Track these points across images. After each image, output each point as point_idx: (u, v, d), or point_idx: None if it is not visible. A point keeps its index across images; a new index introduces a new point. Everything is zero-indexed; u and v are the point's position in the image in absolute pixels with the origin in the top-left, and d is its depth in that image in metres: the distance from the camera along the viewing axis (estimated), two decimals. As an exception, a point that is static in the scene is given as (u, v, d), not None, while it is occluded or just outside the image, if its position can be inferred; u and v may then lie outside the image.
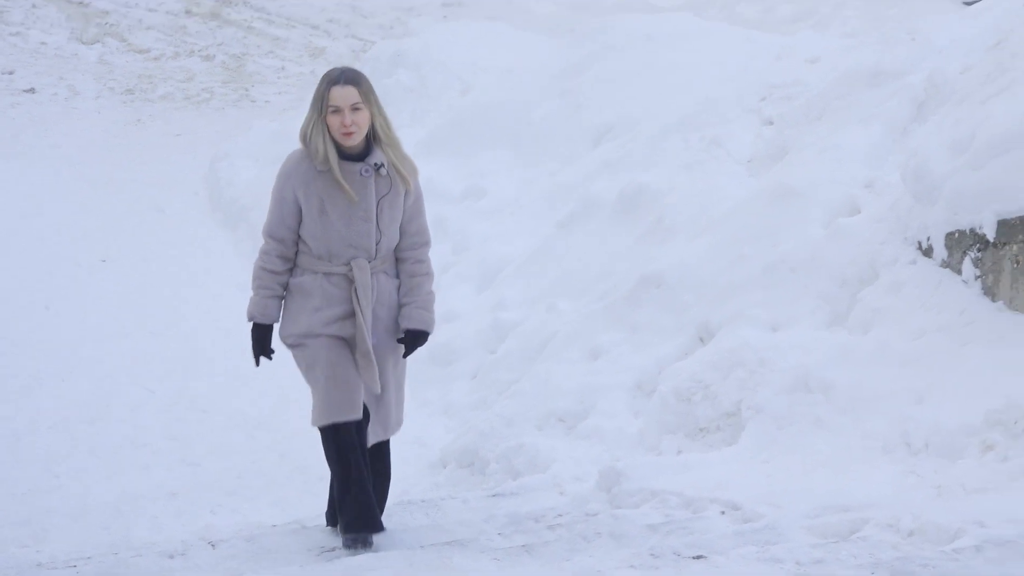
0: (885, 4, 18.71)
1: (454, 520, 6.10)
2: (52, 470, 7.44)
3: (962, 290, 6.51)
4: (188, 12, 20.31)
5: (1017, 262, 6.24)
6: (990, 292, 6.39)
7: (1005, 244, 6.29)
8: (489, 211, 9.81)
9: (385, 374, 6.09)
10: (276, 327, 6.01)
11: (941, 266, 6.69)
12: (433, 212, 8.39)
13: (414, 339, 6.14)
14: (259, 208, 10.77)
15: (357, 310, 5.95)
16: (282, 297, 6.05)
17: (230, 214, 11.52)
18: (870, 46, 9.30)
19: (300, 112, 12.66)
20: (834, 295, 7.07)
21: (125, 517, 6.97)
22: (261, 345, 5.99)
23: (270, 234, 6.03)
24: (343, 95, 5.88)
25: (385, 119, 6.04)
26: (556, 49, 11.98)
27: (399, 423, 6.21)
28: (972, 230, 6.44)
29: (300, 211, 5.99)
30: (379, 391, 6.02)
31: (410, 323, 6.09)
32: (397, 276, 6.14)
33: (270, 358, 6.03)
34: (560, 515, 6.06)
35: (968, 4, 13.13)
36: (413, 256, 6.14)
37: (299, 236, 6.04)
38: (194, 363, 8.55)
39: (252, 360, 6.04)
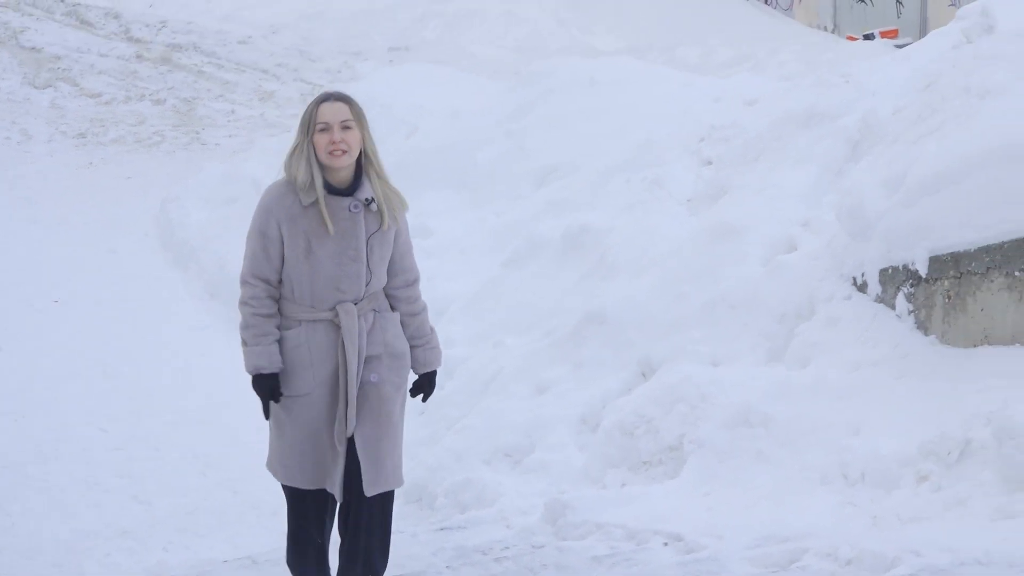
0: (820, 48, 19.00)
1: (403, 554, 6.13)
2: (5, 509, 7.43)
3: (896, 325, 6.62)
4: (139, 57, 20.37)
5: (949, 297, 6.34)
6: (923, 326, 6.50)
7: (937, 280, 6.39)
8: (436, 250, 9.90)
9: (382, 416, 5.48)
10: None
11: (876, 301, 6.80)
12: (381, 252, 8.50)
13: (432, 379, 5.73)
14: (209, 250, 10.88)
15: (341, 362, 5.39)
16: (279, 341, 5.48)
17: (181, 255, 11.56)
18: (806, 89, 9.44)
19: (250, 155, 12.83)
20: (773, 331, 7.17)
21: (78, 555, 6.98)
22: (274, 395, 5.44)
23: (255, 275, 5.46)
24: (333, 111, 5.38)
25: (374, 147, 5.54)
26: (501, 92, 12.07)
27: (398, 472, 5.55)
28: (905, 266, 6.55)
29: (283, 248, 5.44)
30: (350, 435, 5.40)
31: (427, 366, 5.68)
32: (393, 308, 5.62)
33: (279, 401, 5.47)
34: (507, 548, 6.15)
35: (899, 47, 13.37)
36: (408, 295, 5.65)
37: (280, 281, 5.48)
38: (146, 402, 8.59)
39: (262, 415, 5.50)
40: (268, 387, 5.46)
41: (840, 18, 22.43)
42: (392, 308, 5.63)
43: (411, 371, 5.66)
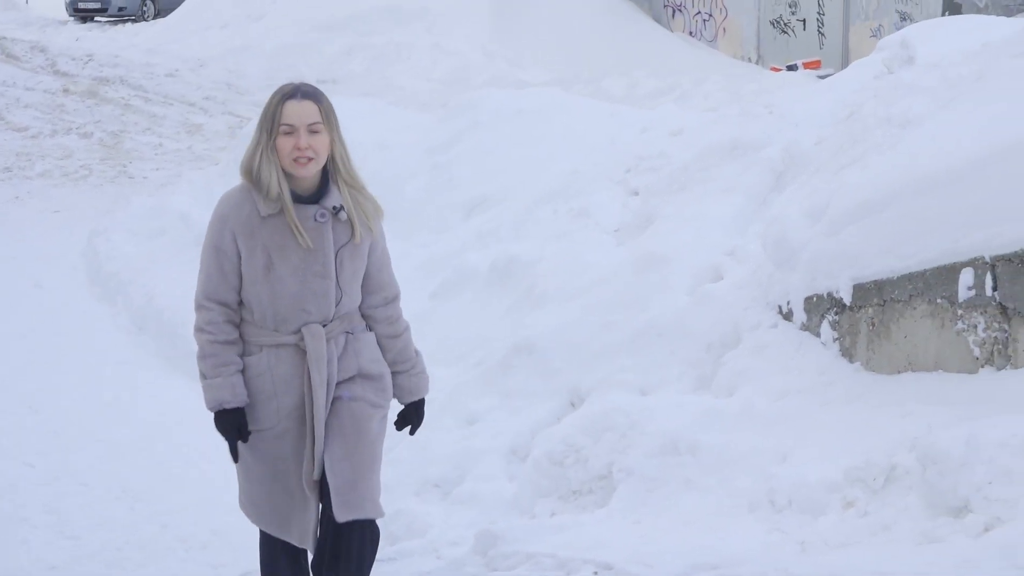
0: (744, 79, 19.16)
1: (334, 585, 6.11)
2: (-69, 548, 7.35)
3: (821, 352, 6.69)
4: (66, 91, 20.26)
5: (872, 324, 6.40)
6: (847, 353, 6.57)
7: (861, 307, 6.45)
8: (364, 282, 9.90)
9: (355, 433, 4.86)
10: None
11: (801, 329, 6.86)
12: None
13: (420, 408, 5.13)
14: (137, 283, 10.82)
15: (307, 392, 4.79)
16: (241, 370, 4.83)
17: (108, 289, 11.49)
18: (730, 119, 9.53)
19: (177, 188, 12.79)
20: (700, 359, 7.22)
21: (5, 592, 6.90)
22: (240, 432, 4.80)
23: (211, 297, 4.82)
24: (299, 112, 4.74)
25: (345, 150, 4.88)
26: (428, 124, 12.08)
27: (379, 500, 4.95)
28: (829, 294, 6.62)
29: (240, 266, 4.79)
30: (317, 477, 4.85)
31: (413, 394, 5.08)
32: (369, 329, 4.98)
33: (246, 440, 4.83)
34: (438, 579, 6.14)
35: (822, 78, 13.52)
36: (387, 314, 5.00)
37: (240, 303, 4.84)
38: (74, 437, 8.53)
39: (229, 455, 4.85)
40: (234, 424, 4.81)
41: (764, 49, 22.65)
42: (369, 329, 5.01)
43: (394, 400, 5.10)
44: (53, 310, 11.18)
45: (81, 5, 34.58)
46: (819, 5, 21.61)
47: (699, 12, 23.94)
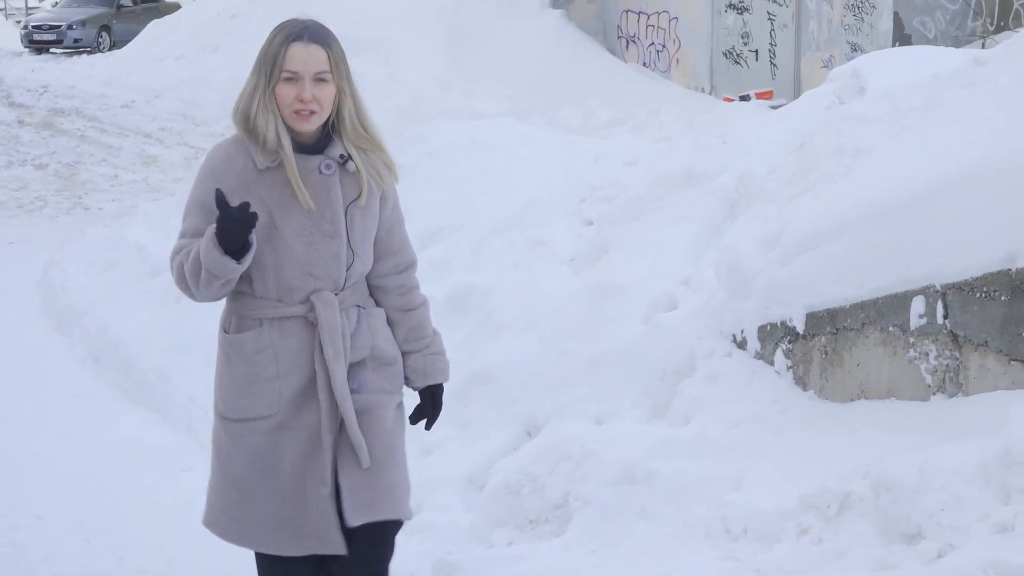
0: (697, 109, 19.26)
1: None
2: None
3: (775, 380, 6.73)
4: (21, 122, 20.22)
5: (825, 353, 6.43)
6: (801, 382, 6.61)
7: (814, 336, 6.49)
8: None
9: (378, 436, 4.34)
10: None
11: (755, 358, 6.90)
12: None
13: (438, 396, 4.58)
14: (93, 315, 10.79)
15: (320, 369, 4.21)
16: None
17: (64, 320, 11.45)
18: (684, 149, 9.59)
19: (133, 219, 12.76)
20: (655, 388, 7.25)
21: (-43, 627, 6.83)
22: (237, 210, 4.04)
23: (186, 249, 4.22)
24: (305, 57, 4.18)
25: (357, 102, 4.33)
26: (383, 154, 12.08)
27: (405, 500, 4.49)
28: (783, 323, 6.66)
29: None
30: (368, 464, 4.29)
31: (428, 377, 4.51)
32: (377, 304, 4.46)
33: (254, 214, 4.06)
34: (395, 608, 6.15)
35: (774, 108, 13.62)
36: (400, 283, 4.46)
37: None
38: (29, 469, 8.49)
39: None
40: (229, 215, 4.03)
41: (717, 80, 22.77)
42: (377, 304, 4.47)
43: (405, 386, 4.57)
44: (7, 342, 11.13)
45: (37, 37, 34.55)
46: (771, 36, 21.75)
47: (652, 43, 24.07)
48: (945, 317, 5.79)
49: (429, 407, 4.62)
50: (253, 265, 4.20)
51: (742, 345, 6.99)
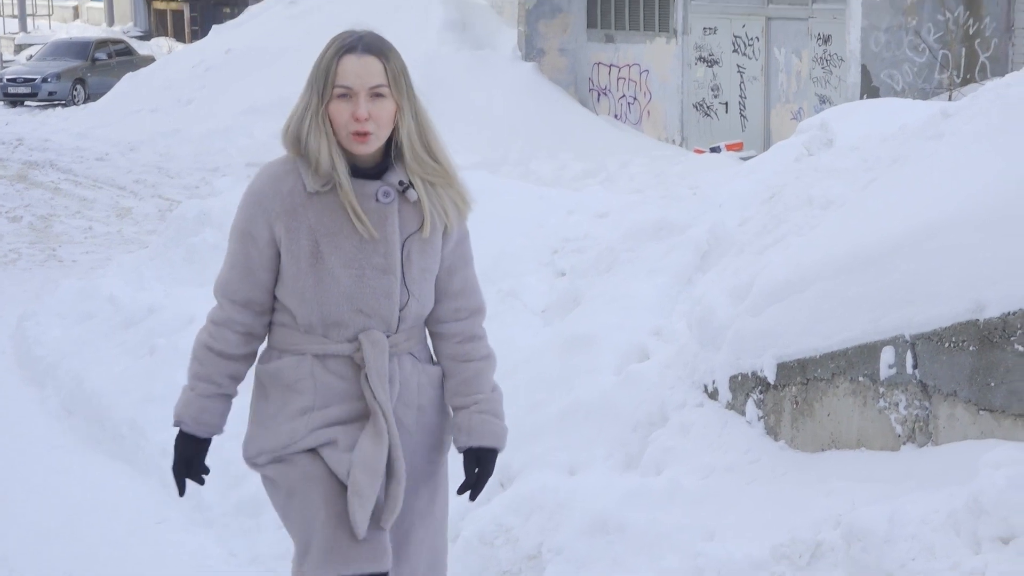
0: (668, 161, 19.38)
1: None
2: None
3: (746, 430, 6.74)
4: (-5, 175, 20.22)
5: (796, 403, 6.46)
6: (772, 432, 6.63)
7: (785, 386, 6.51)
8: (294, 365, 9.90)
9: (413, 512, 3.95)
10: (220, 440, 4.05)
11: (726, 408, 6.92)
12: (239, 367, 8.48)
13: (484, 463, 4.07)
14: (66, 367, 10.77)
15: (376, 407, 3.79)
16: (230, 397, 4.01)
17: (37, 372, 11.42)
18: (655, 201, 9.65)
19: (107, 271, 12.75)
20: (627, 438, 7.25)
21: None
22: (188, 464, 3.95)
23: (229, 294, 3.91)
24: (360, 70, 3.76)
25: (421, 122, 3.90)
26: (356, 206, 12.10)
27: (439, 559, 4.11)
28: (754, 373, 6.69)
29: (278, 256, 3.85)
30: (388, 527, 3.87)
31: (476, 438, 4.03)
32: (434, 361, 4.07)
33: (201, 481, 4.01)
34: (370, 660, 6.12)
35: (744, 159, 13.71)
36: (460, 331, 4.06)
37: (276, 301, 3.91)
38: (1, 521, 8.45)
39: (174, 487, 4.00)
40: (183, 455, 3.95)
41: (687, 131, 22.90)
42: (436, 353, 4.05)
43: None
44: (-20, 394, 11.10)
45: (11, 89, 34.55)
46: (741, 89, 21.90)
47: (624, 96, 24.20)
48: (914, 367, 5.83)
49: (471, 473, 4.07)
50: (295, 296, 3.83)
51: (714, 395, 7.01)
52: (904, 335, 5.85)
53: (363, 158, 3.87)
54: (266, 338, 4.05)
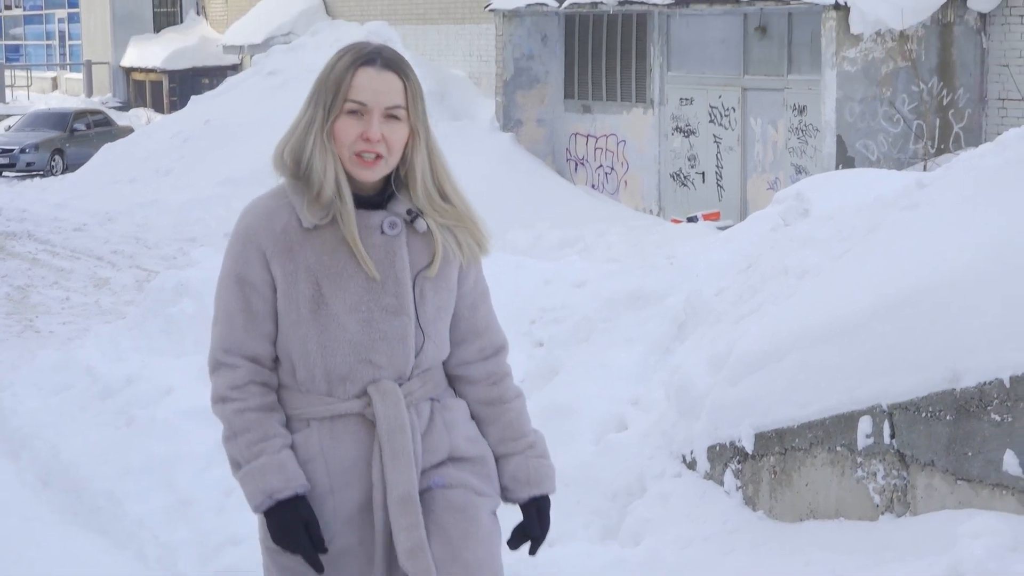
0: (645, 230, 19.45)
1: None
2: None
3: (725, 500, 6.73)
4: (-28, 246, 20.19)
5: (774, 473, 6.47)
6: (751, 502, 6.64)
7: (763, 456, 6.52)
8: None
9: (476, 541, 3.48)
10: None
11: (705, 478, 6.92)
12: (216, 436, 8.46)
13: (544, 511, 3.69)
14: (42, 438, 10.72)
15: (378, 479, 3.33)
16: (290, 445, 3.36)
17: (13, 444, 11.35)
18: (632, 270, 9.67)
19: (84, 342, 12.72)
20: (605, 508, 7.25)
21: None
22: (310, 530, 3.30)
23: (233, 351, 3.41)
24: (378, 85, 3.32)
25: (433, 154, 3.49)
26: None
27: None
28: (732, 443, 6.69)
29: (275, 302, 3.38)
30: None
31: (536, 486, 3.63)
32: (455, 395, 3.61)
33: (326, 549, 3.34)
34: None
35: (721, 229, 13.77)
36: (489, 371, 3.60)
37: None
38: (-25, 596, 8.40)
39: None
40: (296, 522, 3.29)
41: (665, 201, 22.99)
42: (458, 395, 3.61)
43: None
44: (-45, 466, 11.03)
45: (-12, 160, 34.54)
46: (717, 159, 22.03)
47: (601, 165, 24.31)
48: (892, 437, 5.85)
49: (535, 525, 3.68)
50: (296, 348, 3.36)
51: (692, 465, 7.01)
52: (881, 404, 5.87)
53: (364, 185, 3.41)
54: None
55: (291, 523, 3.30)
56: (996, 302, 5.51)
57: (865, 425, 5.94)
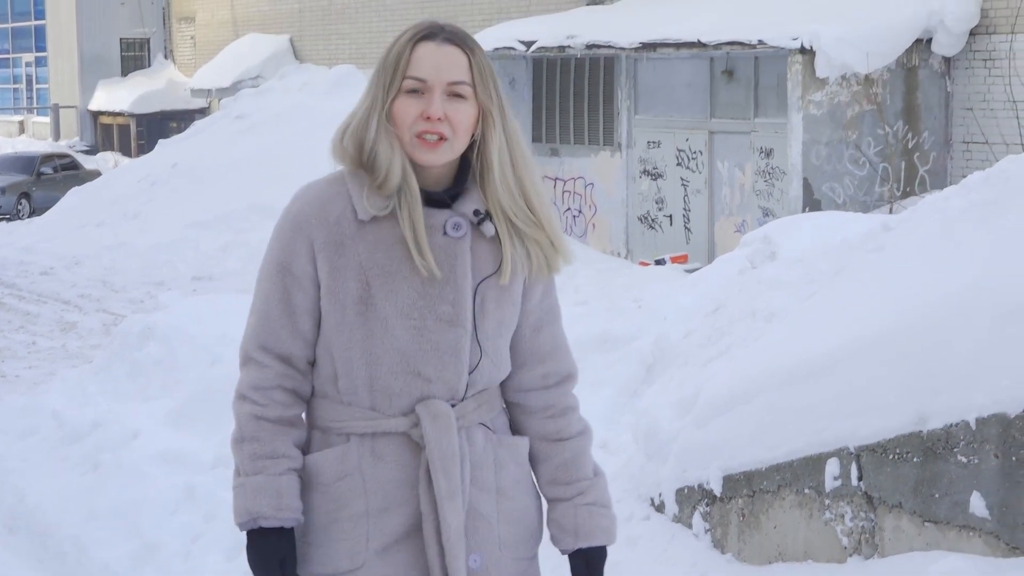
0: (613, 273, 19.47)
1: None
2: None
3: (693, 543, 6.73)
4: (-64, 289, 20.10)
5: (743, 515, 6.46)
6: (719, 545, 6.62)
7: (731, 498, 6.51)
8: (239, 480, 9.87)
9: None
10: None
11: (673, 521, 6.91)
12: (183, 481, 8.43)
13: (594, 565, 3.23)
14: (7, 484, 10.65)
15: (427, 510, 3.01)
16: (299, 472, 3.06)
17: (-22, 490, 11.32)
18: (600, 313, 9.70)
19: (50, 386, 12.67)
20: (574, 552, 7.23)
21: None
22: (282, 566, 3.00)
23: (266, 347, 3.09)
24: (439, 59, 2.98)
25: (514, 143, 3.07)
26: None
27: None
28: (700, 486, 6.69)
29: (319, 299, 3.04)
30: None
31: (585, 537, 3.21)
32: (514, 430, 3.26)
33: None
34: None
35: (689, 272, 13.82)
36: (549, 402, 3.24)
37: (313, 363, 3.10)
38: (-61, 644, 8.33)
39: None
40: (273, 557, 3.01)
41: (632, 244, 23.04)
42: (514, 428, 3.25)
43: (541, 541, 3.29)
44: (-80, 513, 10.96)
45: (-45, 204, 34.46)
46: (685, 201, 22.11)
47: (569, 208, 24.37)
48: (859, 479, 5.86)
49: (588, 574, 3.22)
50: (337, 353, 3.03)
51: (660, 508, 7.01)
52: (849, 447, 5.88)
53: (429, 177, 3.05)
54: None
55: (268, 555, 3.01)
56: (962, 344, 5.53)
57: (833, 467, 5.95)
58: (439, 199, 3.06)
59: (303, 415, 3.13)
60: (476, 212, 3.05)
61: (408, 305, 2.99)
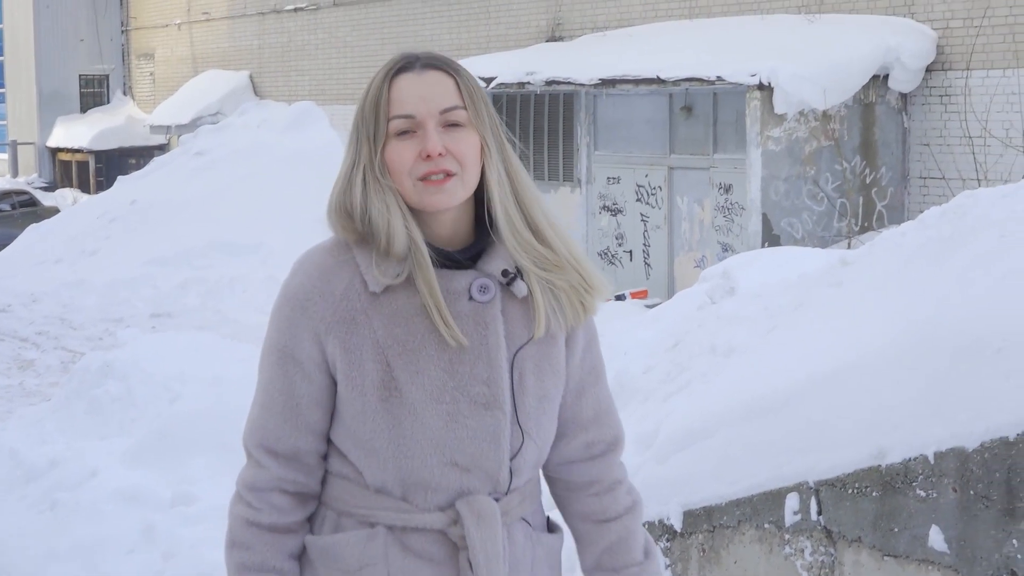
0: (574, 310, 19.45)
1: None
2: None
3: (654, 579, 6.74)
4: None
5: (703, 551, 6.45)
6: (680, 580, 6.60)
7: (691, 534, 6.51)
8: (199, 517, 9.81)
9: None
10: None
11: (634, 556, 6.91)
12: (142, 519, 8.39)
13: None
14: (-36, 524, 10.57)
15: None
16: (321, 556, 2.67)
17: (-66, 530, 11.23)
18: (561, 349, 9.69)
19: (7, 425, 12.59)
20: (535, 588, 7.22)
21: None
22: None
23: (266, 445, 2.69)
24: (422, 89, 2.59)
25: (516, 176, 2.71)
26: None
27: None
28: (660, 521, 6.67)
29: (333, 386, 2.65)
30: None
31: None
32: (549, 525, 2.96)
33: None
34: None
35: (649, 307, 13.85)
36: (594, 476, 2.89)
37: (330, 445, 2.70)
38: None
39: None
40: None
41: (594, 280, 23.01)
42: (558, 504, 2.97)
43: None
44: None
45: (-90, 241, 34.22)
46: (644, 237, 22.17)
47: (530, 244, 24.40)
48: (819, 513, 5.87)
49: None
50: (361, 447, 2.63)
51: (621, 544, 6.99)
52: (808, 481, 5.89)
53: (444, 234, 2.65)
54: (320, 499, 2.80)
55: None
56: (919, 378, 5.56)
57: (792, 502, 5.96)
58: (456, 259, 2.65)
59: (302, 521, 2.75)
60: (505, 272, 2.64)
61: (437, 388, 2.60)
